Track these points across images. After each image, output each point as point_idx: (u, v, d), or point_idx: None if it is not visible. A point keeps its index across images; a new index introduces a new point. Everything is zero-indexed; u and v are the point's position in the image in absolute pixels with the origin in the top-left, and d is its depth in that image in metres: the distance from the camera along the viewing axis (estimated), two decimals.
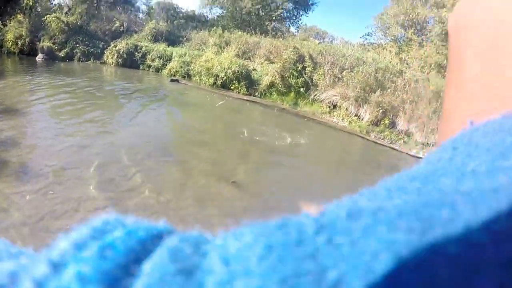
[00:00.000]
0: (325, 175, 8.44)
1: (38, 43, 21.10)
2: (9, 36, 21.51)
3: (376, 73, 14.87)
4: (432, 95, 14.05)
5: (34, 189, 5.12)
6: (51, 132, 7.73)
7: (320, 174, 8.46)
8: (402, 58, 19.62)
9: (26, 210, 4.61)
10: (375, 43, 24.88)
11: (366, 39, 26.17)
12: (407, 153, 12.54)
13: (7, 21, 22.26)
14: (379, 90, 14.30)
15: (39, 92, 11.41)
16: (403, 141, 13.32)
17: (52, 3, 27.40)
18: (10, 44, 21.51)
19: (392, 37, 23.72)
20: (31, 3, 23.22)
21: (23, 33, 21.47)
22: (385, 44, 23.85)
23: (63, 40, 21.33)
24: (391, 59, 18.22)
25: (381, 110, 13.74)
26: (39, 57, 20.42)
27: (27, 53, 21.17)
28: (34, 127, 7.97)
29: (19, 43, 21.40)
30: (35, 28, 21.72)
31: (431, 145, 12.77)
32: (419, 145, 13.05)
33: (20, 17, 22.02)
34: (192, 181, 6.36)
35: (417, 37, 22.64)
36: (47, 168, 5.82)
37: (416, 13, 22.99)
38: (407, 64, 18.69)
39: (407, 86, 14.58)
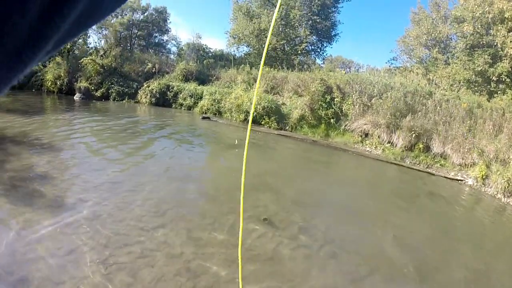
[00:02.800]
0: (361, 207, 8.26)
1: (75, 83, 22.54)
2: (49, 77, 23.23)
3: (405, 97, 14.95)
4: (464, 113, 13.98)
5: (67, 222, 5.32)
6: (86, 168, 7.99)
7: (355, 203, 8.35)
8: (430, 78, 19.63)
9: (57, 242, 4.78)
10: (401, 67, 25.03)
11: (392, 63, 26.50)
12: (445, 176, 12.40)
13: (47, 62, 24.17)
14: (410, 114, 14.34)
15: (76, 130, 11.99)
16: (440, 164, 13.18)
17: (88, 47, 29.64)
18: (49, 84, 23.20)
19: (418, 59, 23.86)
20: (68, 46, 25.14)
21: (62, 74, 23.12)
22: (411, 66, 23.97)
23: (99, 81, 22.67)
24: (419, 81, 18.28)
25: (414, 135, 13.70)
26: (77, 96, 21.74)
27: (66, 92, 22.67)
28: (70, 163, 8.28)
29: (58, 83, 23.02)
30: (73, 69, 23.35)
31: (469, 165, 12.60)
32: (456, 167, 12.89)
33: (58, 59, 23.92)
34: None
35: (442, 55, 22.67)
36: (81, 202, 6.07)
37: (438, 32, 23.10)
38: (436, 84, 18.68)
39: (438, 107, 14.54)
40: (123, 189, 6.95)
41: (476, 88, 19.51)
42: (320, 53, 29.40)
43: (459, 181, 12.14)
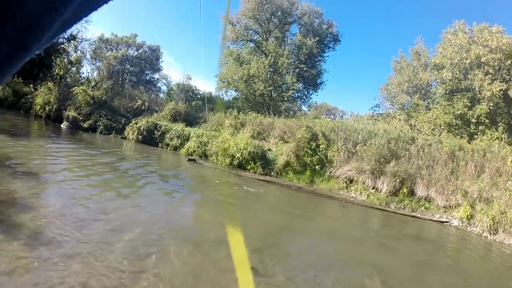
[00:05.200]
0: (348, 255, 8.05)
1: (64, 111, 22.41)
2: (38, 101, 23.13)
3: (389, 143, 15.33)
4: (446, 156, 14.36)
5: (44, 257, 4.89)
6: (67, 200, 7.51)
7: (342, 251, 8.18)
8: (412, 124, 20.26)
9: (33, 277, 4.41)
10: (384, 113, 25.85)
11: (375, 110, 27.44)
12: (430, 219, 12.55)
13: (38, 86, 24.16)
14: (393, 159, 14.65)
15: (60, 159, 11.50)
16: (425, 207, 13.36)
17: (81, 76, 29.94)
18: (38, 108, 23.09)
19: (400, 105, 24.70)
20: (61, 73, 25.29)
21: (51, 100, 23.06)
22: (394, 112, 24.75)
23: (88, 112, 22.50)
24: (402, 127, 18.81)
25: (398, 180, 13.92)
26: (64, 125, 21.56)
27: (53, 119, 22.51)
28: (50, 193, 7.90)
29: (47, 108, 22.92)
30: (63, 97, 23.29)
31: (454, 207, 12.79)
32: (441, 209, 13.06)
33: (50, 84, 23.99)
34: None
35: (423, 101, 23.54)
36: (59, 237, 5.62)
37: (418, 79, 24.11)
38: (418, 129, 19.24)
39: (421, 152, 14.92)
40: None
41: (456, 131, 20.12)
42: (306, 100, 30.46)
43: (445, 223, 12.32)
